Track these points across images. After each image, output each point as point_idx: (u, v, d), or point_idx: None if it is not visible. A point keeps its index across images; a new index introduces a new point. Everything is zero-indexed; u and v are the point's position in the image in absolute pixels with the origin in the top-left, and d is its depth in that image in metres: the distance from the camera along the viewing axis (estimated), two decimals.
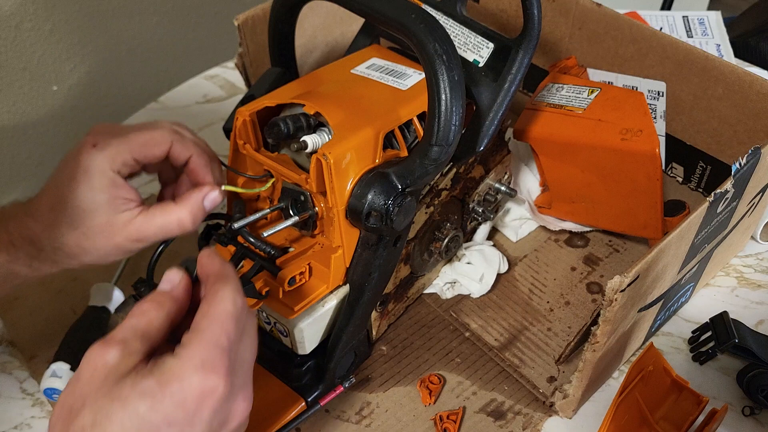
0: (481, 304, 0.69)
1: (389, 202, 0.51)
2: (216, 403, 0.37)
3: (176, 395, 0.36)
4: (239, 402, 0.39)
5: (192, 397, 0.36)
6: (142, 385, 0.36)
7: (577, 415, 0.60)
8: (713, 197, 0.52)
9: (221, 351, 0.38)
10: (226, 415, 0.39)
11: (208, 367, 0.37)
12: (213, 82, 0.99)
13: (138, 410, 0.36)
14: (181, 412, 0.36)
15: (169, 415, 0.36)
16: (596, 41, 0.72)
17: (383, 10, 0.49)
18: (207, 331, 0.38)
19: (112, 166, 0.49)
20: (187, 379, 0.36)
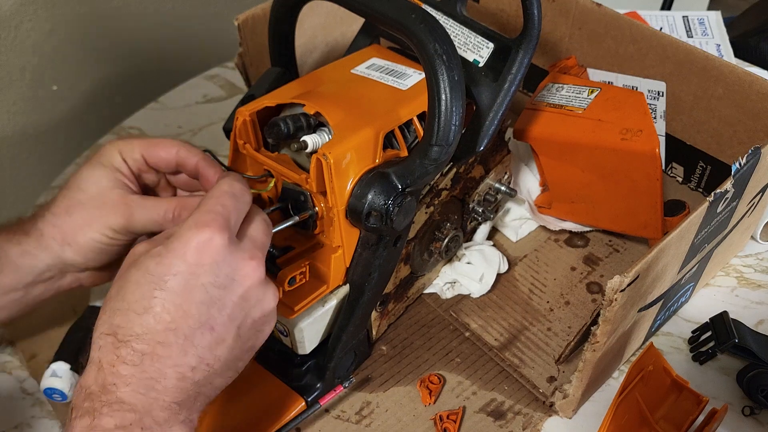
0: (481, 304, 0.69)
1: (389, 202, 0.51)
2: (214, 253, 0.42)
3: (177, 250, 0.42)
4: (246, 261, 0.44)
5: (190, 249, 0.42)
6: (152, 251, 0.43)
7: (577, 415, 0.60)
8: (713, 197, 0.52)
9: (215, 214, 0.43)
10: (231, 269, 0.43)
11: (201, 224, 0.42)
12: (213, 82, 0.99)
13: (148, 267, 0.42)
14: (182, 262, 0.42)
15: (173, 266, 0.42)
16: (596, 41, 0.72)
17: (383, 10, 0.49)
18: (203, 204, 0.44)
19: (122, 153, 0.54)
20: (184, 236, 0.42)
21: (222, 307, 0.43)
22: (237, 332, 0.44)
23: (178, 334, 0.41)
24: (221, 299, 0.43)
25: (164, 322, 0.41)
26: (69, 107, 1.05)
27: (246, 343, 0.45)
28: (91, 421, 0.39)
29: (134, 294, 0.42)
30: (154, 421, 0.40)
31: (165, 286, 0.41)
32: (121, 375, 0.40)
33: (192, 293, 0.42)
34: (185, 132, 0.91)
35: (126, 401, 0.40)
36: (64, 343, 0.65)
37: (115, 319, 0.41)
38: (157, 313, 0.41)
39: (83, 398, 0.41)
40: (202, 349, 0.42)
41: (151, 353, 0.41)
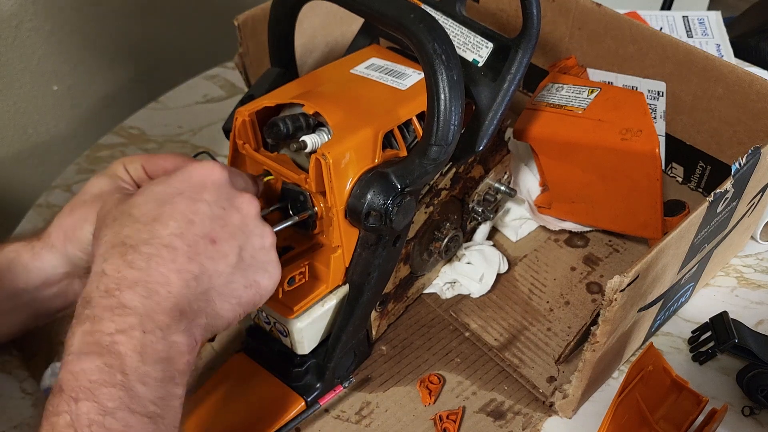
0: (481, 304, 0.69)
1: (388, 201, 0.51)
2: (216, 178, 0.46)
3: (182, 175, 0.46)
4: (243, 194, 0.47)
5: (194, 175, 0.46)
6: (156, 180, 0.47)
7: (577, 415, 0.60)
8: (713, 197, 0.52)
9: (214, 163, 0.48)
10: (230, 196, 0.47)
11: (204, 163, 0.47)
12: (213, 82, 0.99)
13: (153, 189, 0.45)
14: (187, 185, 0.45)
15: (178, 188, 0.45)
16: (596, 41, 0.72)
17: (382, 10, 0.49)
18: None
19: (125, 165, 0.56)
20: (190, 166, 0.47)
21: (224, 224, 0.45)
22: (239, 253, 0.46)
23: (184, 240, 0.43)
24: (222, 217, 0.45)
25: (171, 228, 0.43)
26: (69, 107, 1.05)
27: (248, 270, 0.47)
28: (92, 326, 0.40)
29: (141, 209, 0.44)
30: (156, 324, 0.41)
31: (172, 200, 0.44)
32: (125, 279, 0.41)
33: (196, 205, 0.45)
34: (185, 132, 0.91)
35: (128, 305, 0.41)
36: None
37: (124, 230, 0.44)
38: (164, 221, 0.44)
39: (83, 305, 0.41)
40: (205, 259, 0.44)
41: (157, 255, 0.42)
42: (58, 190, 0.85)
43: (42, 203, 0.83)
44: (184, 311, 0.43)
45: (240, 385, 0.59)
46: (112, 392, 0.39)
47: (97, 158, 0.88)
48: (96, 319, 0.40)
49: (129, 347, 0.40)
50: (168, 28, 1.13)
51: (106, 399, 0.39)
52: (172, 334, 0.42)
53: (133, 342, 0.40)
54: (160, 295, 0.42)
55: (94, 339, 0.40)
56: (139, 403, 0.39)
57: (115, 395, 0.39)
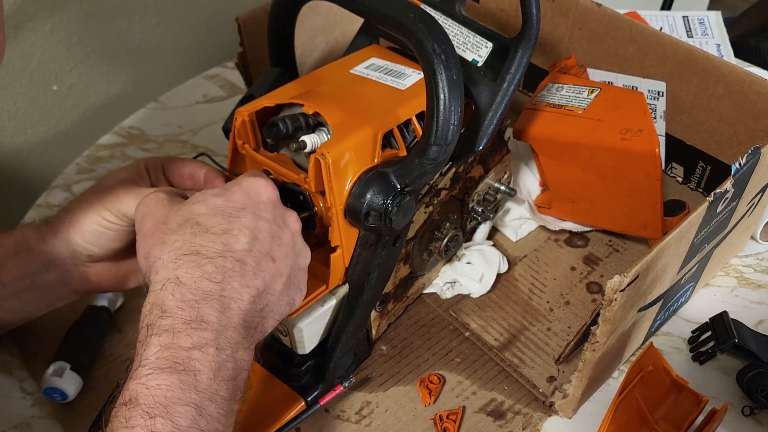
0: (481, 304, 0.69)
1: (388, 201, 0.51)
2: (270, 194, 0.48)
3: (240, 190, 0.47)
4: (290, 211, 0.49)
5: (251, 187, 0.47)
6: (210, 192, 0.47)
7: (577, 415, 0.60)
8: (713, 197, 0.52)
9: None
10: (282, 213, 0.48)
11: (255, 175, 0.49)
12: (213, 82, 0.99)
13: (215, 203, 0.46)
14: (247, 198, 0.47)
15: (240, 202, 0.46)
16: (596, 41, 0.72)
17: (382, 10, 0.49)
18: None
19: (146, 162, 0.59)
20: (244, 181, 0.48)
21: (280, 243, 0.47)
22: (290, 272, 0.47)
23: (252, 256, 0.45)
24: (279, 236, 0.47)
25: (242, 243, 0.45)
26: (69, 107, 1.05)
27: (291, 288, 0.48)
28: (170, 339, 0.40)
29: (210, 221, 0.45)
30: (227, 342, 0.42)
31: (238, 214, 0.46)
32: (203, 291, 0.42)
33: (259, 223, 0.46)
34: (185, 132, 0.91)
35: (205, 319, 0.41)
36: (64, 343, 0.65)
37: (195, 239, 0.44)
38: (235, 235, 0.45)
39: (159, 315, 0.41)
40: (267, 276, 0.45)
41: (232, 270, 0.44)
42: (58, 190, 0.85)
43: (42, 203, 0.83)
44: (249, 327, 0.44)
45: None
46: (186, 411, 0.39)
47: (97, 158, 0.88)
48: (174, 332, 0.41)
49: (204, 364, 0.40)
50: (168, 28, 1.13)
51: (179, 417, 0.39)
52: (238, 351, 0.43)
53: (208, 359, 0.41)
54: (232, 310, 0.43)
55: (171, 354, 0.40)
56: (208, 421, 0.40)
57: (188, 414, 0.39)
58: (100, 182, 0.58)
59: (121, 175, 0.58)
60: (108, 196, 0.55)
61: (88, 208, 0.56)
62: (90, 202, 0.56)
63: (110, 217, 0.55)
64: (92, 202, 0.56)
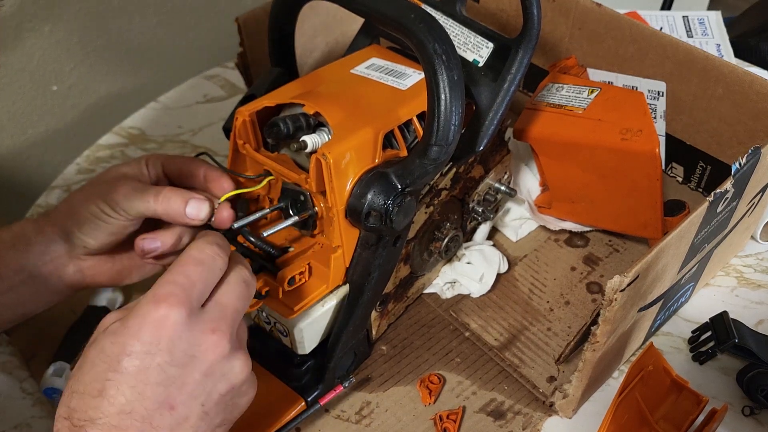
0: (481, 304, 0.69)
1: (389, 201, 0.51)
2: (171, 331, 0.40)
3: (132, 328, 0.40)
4: (206, 335, 0.41)
5: (145, 327, 0.40)
6: (111, 327, 0.41)
7: (577, 415, 0.60)
8: (713, 197, 0.52)
9: (174, 285, 0.41)
10: (190, 346, 0.41)
11: (159, 299, 0.40)
12: (213, 82, 0.99)
13: (104, 347, 0.40)
14: (137, 342, 0.40)
15: (127, 347, 0.40)
16: (596, 41, 0.72)
17: (383, 10, 0.49)
18: (166, 274, 0.42)
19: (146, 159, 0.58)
20: (142, 311, 0.40)
21: (182, 385, 0.41)
22: (201, 409, 0.42)
23: (135, 417, 0.39)
24: (180, 377, 0.41)
25: (119, 405, 0.39)
26: (69, 107, 1.05)
27: (215, 418, 0.43)
28: None
29: (89, 375, 0.40)
30: None
31: (119, 368, 0.40)
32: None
33: (147, 374, 0.40)
34: (185, 132, 0.91)
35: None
36: (64, 343, 0.65)
37: (72, 401, 0.40)
38: (111, 396, 0.39)
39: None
40: (163, 430, 0.40)
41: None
42: (57, 190, 0.85)
43: (41, 203, 0.83)
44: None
45: None
46: None
47: (97, 158, 0.88)
48: None
49: None
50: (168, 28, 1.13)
51: None
52: None
53: None
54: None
55: None
56: None
57: None
58: (101, 175, 0.58)
59: (122, 170, 0.58)
60: (107, 189, 0.55)
61: (87, 199, 0.56)
62: (89, 193, 0.56)
63: (107, 209, 0.55)
64: (91, 194, 0.56)
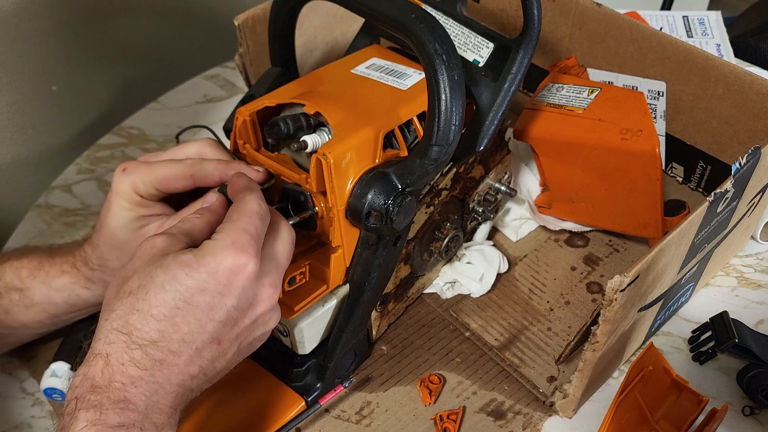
0: (481, 304, 0.69)
1: (389, 201, 0.51)
2: (245, 279, 0.43)
3: (210, 267, 0.42)
4: (266, 288, 0.45)
5: (223, 270, 0.42)
6: (182, 257, 0.42)
7: (577, 415, 0.60)
8: (713, 197, 0.52)
9: (250, 236, 0.44)
10: (254, 295, 0.44)
11: (239, 247, 0.43)
12: (213, 82, 0.99)
13: (177, 275, 0.42)
14: (213, 281, 0.42)
15: (203, 283, 0.42)
16: (596, 41, 0.72)
17: (383, 10, 0.49)
18: (237, 221, 0.44)
19: (136, 189, 0.54)
20: (220, 254, 0.42)
21: (234, 326, 0.44)
22: (238, 347, 0.46)
23: (192, 346, 0.42)
24: (237, 319, 0.44)
25: (181, 333, 0.42)
26: (69, 107, 1.05)
27: (241, 354, 0.47)
28: (98, 416, 0.40)
29: (157, 298, 0.42)
30: (153, 423, 0.42)
31: (191, 300, 0.42)
32: (130, 375, 0.41)
33: (214, 312, 0.43)
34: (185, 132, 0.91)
35: (131, 401, 0.41)
36: (64, 343, 0.65)
37: (132, 317, 0.42)
38: (177, 324, 0.42)
39: (89, 389, 0.41)
40: (206, 361, 0.44)
41: (162, 360, 0.42)
42: (58, 190, 0.85)
43: (42, 204, 0.83)
44: (176, 406, 0.43)
45: (240, 385, 0.59)
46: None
47: (97, 158, 0.88)
48: (102, 409, 0.40)
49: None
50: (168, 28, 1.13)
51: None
52: (163, 429, 0.42)
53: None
54: (159, 395, 0.42)
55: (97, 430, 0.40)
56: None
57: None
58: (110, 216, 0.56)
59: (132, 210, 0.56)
60: None
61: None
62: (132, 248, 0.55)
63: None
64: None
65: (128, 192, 0.54)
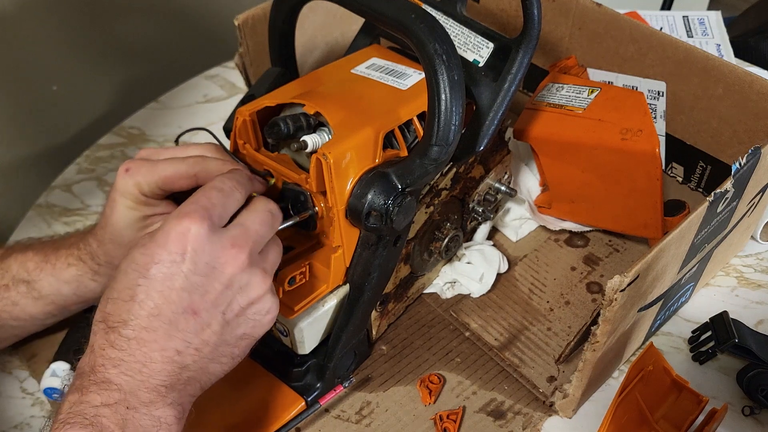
0: (481, 304, 0.69)
1: (389, 201, 0.51)
2: (194, 242, 0.43)
3: (159, 239, 0.44)
4: (226, 249, 0.45)
5: (171, 238, 0.43)
6: (140, 241, 0.45)
7: (577, 415, 0.60)
8: (713, 197, 0.52)
9: (196, 205, 0.45)
10: (211, 257, 0.44)
11: (182, 215, 0.44)
12: (213, 82, 0.99)
13: (134, 257, 0.44)
14: (164, 252, 0.43)
15: (155, 256, 0.43)
16: (596, 41, 0.72)
17: (383, 10, 0.49)
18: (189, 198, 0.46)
19: (141, 189, 0.54)
20: (166, 226, 0.44)
21: (204, 293, 0.44)
22: (223, 318, 0.45)
23: (162, 319, 0.43)
24: (202, 286, 0.44)
25: (148, 308, 0.43)
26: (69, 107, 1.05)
27: (236, 329, 0.46)
28: (80, 396, 0.42)
29: (121, 282, 0.44)
30: (139, 401, 0.42)
31: (147, 274, 0.43)
32: (109, 357, 0.43)
33: (173, 280, 0.43)
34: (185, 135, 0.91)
35: (113, 381, 0.42)
36: (64, 343, 0.65)
37: (107, 306, 0.44)
38: (141, 300, 0.43)
39: (75, 377, 0.43)
40: (187, 334, 0.44)
41: (137, 338, 0.43)
42: (58, 190, 0.85)
43: (42, 203, 0.83)
44: (172, 385, 0.44)
45: (240, 384, 0.59)
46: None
47: (97, 158, 0.88)
48: (84, 390, 0.42)
49: (112, 420, 0.41)
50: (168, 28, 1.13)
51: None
52: (157, 409, 0.43)
53: (116, 416, 0.41)
54: (144, 373, 0.43)
55: (80, 409, 0.41)
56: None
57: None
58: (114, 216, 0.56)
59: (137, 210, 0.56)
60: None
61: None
62: None
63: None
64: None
65: (133, 192, 0.54)
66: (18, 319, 0.61)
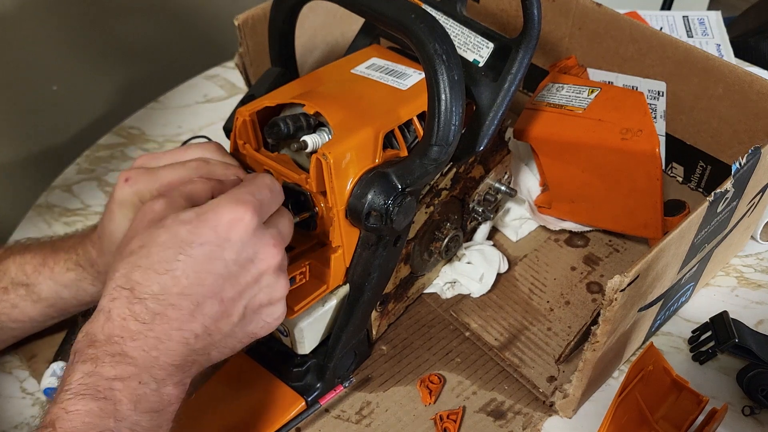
0: (481, 304, 0.69)
1: (389, 201, 0.51)
2: (243, 232, 0.44)
3: (210, 221, 0.43)
4: (269, 246, 0.45)
5: (223, 222, 0.43)
6: (182, 216, 0.44)
7: (577, 415, 0.60)
8: (713, 197, 0.52)
9: (252, 196, 0.45)
10: (254, 250, 0.45)
11: (238, 200, 0.44)
12: (213, 82, 0.99)
13: (178, 232, 0.43)
14: (213, 234, 0.43)
15: (203, 237, 0.43)
16: (596, 41, 0.72)
17: (383, 10, 0.49)
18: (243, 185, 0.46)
19: (142, 199, 0.53)
20: (221, 209, 0.44)
21: (235, 283, 0.44)
22: (243, 311, 0.46)
23: (191, 300, 0.43)
24: (237, 276, 0.44)
25: (180, 286, 0.43)
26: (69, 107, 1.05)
27: (247, 324, 0.47)
28: (94, 368, 0.41)
29: (159, 255, 0.43)
30: (152, 377, 0.42)
31: (190, 252, 0.43)
32: (129, 330, 0.42)
33: (213, 264, 0.43)
34: (185, 132, 0.91)
35: (129, 355, 0.42)
36: (64, 343, 0.65)
37: (135, 274, 0.43)
38: (176, 276, 0.42)
39: (87, 344, 0.42)
40: (208, 319, 0.44)
41: (162, 314, 0.42)
42: (58, 190, 0.85)
43: (42, 203, 0.83)
44: (180, 365, 0.44)
45: (240, 384, 0.59)
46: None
47: (97, 158, 0.88)
48: (98, 362, 0.41)
49: (125, 395, 0.41)
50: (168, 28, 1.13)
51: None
52: (165, 386, 0.43)
53: (129, 391, 0.41)
54: (159, 350, 0.42)
55: (93, 381, 0.41)
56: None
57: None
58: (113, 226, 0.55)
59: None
60: None
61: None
62: None
63: None
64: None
65: (134, 202, 0.53)
66: (17, 321, 0.60)
